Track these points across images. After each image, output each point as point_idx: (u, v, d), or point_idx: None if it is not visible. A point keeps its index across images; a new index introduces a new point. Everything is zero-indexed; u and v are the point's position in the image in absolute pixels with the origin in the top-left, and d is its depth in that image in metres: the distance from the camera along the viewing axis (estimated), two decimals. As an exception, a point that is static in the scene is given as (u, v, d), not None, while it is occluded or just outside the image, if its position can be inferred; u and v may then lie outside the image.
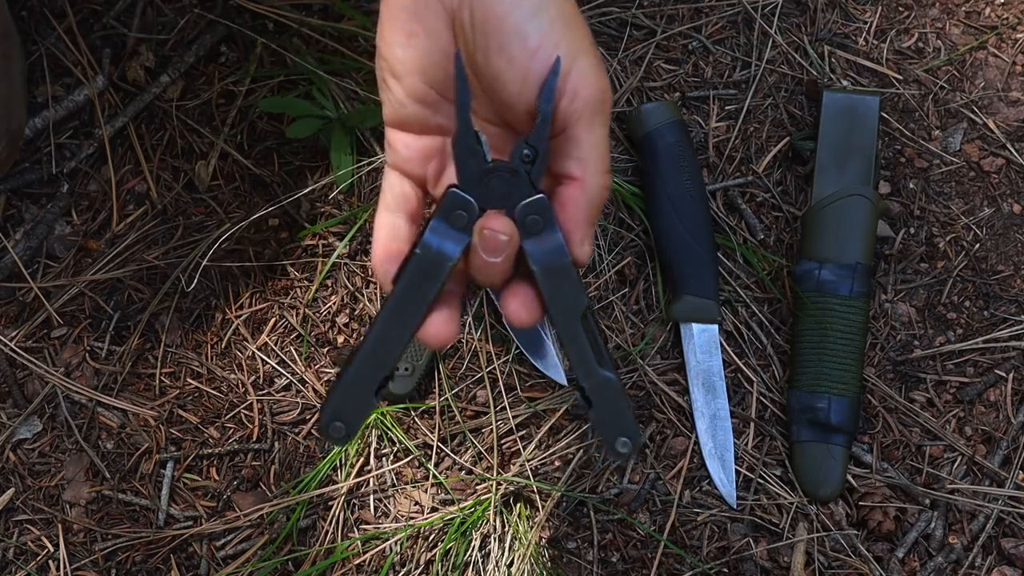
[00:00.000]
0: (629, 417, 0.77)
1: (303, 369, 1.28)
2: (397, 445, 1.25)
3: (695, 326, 1.26)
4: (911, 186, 1.31)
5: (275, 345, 1.29)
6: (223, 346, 1.29)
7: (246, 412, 1.27)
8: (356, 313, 1.29)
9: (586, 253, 0.76)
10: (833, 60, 1.35)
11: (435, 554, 1.21)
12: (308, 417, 1.27)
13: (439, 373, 1.26)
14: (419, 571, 1.21)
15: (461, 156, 0.75)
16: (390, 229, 0.78)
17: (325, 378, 1.27)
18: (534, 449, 1.24)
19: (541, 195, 0.75)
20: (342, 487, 1.23)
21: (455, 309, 0.77)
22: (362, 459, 1.24)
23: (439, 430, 1.25)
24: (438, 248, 0.74)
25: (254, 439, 1.26)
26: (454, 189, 0.75)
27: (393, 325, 0.75)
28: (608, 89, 0.75)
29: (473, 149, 0.75)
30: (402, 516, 1.23)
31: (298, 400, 1.27)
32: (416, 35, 0.75)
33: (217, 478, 1.26)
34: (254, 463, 1.26)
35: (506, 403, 1.25)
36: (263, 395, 1.27)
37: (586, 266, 0.76)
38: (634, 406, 0.85)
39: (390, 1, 0.75)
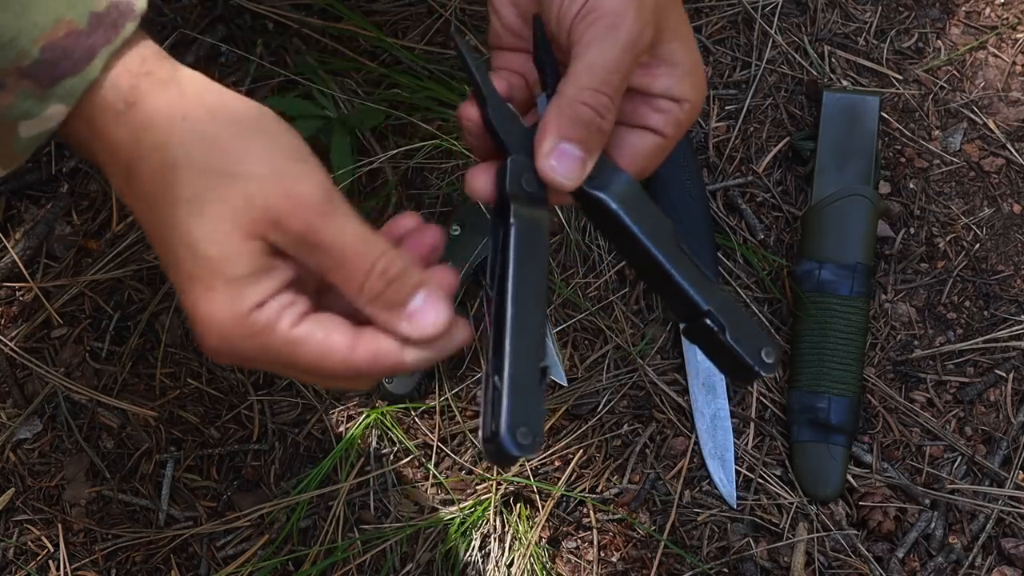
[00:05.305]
0: (759, 328, 0.72)
1: (303, 369, 1.28)
2: (397, 445, 1.25)
3: (695, 326, 1.25)
4: (911, 186, 1.31)
5: (275, 345, 1.29)
6: (223, 346, 1.29)
7: (246, 412, 1.27)
8: (356, 313, 1.29)
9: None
10: (833, 60, 1.35)
11: (435, 554, 1.21)
12: (308, 417, 1.27)
13: (439, 373, 1.26)
14: (419, 571, 1.21)
15: (501, 124, 0.74)
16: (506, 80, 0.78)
17: (325, 378, 1.27)
18: (534, 449, 1.24)
19: None
20: (342, 487, 1.23)
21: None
22: (362, 459, 1.24)
23: (439, 430, 1.25)
24: (529, 212, 0.72)
25: (254, 439, 1.26)
26: (512, 157, 0.74)
27: (524, 306, 0.70)
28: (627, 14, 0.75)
29: (510, 114, 0.75)
30: (402, 516, 1.23)
31: (298, 400, 1.27)
32: None
33: (217, 478, 1.26)
34: (254, 463, 1.26)
35: (506, 403, 1.25)
36: (263, 395, 1.27)
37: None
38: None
39: None
